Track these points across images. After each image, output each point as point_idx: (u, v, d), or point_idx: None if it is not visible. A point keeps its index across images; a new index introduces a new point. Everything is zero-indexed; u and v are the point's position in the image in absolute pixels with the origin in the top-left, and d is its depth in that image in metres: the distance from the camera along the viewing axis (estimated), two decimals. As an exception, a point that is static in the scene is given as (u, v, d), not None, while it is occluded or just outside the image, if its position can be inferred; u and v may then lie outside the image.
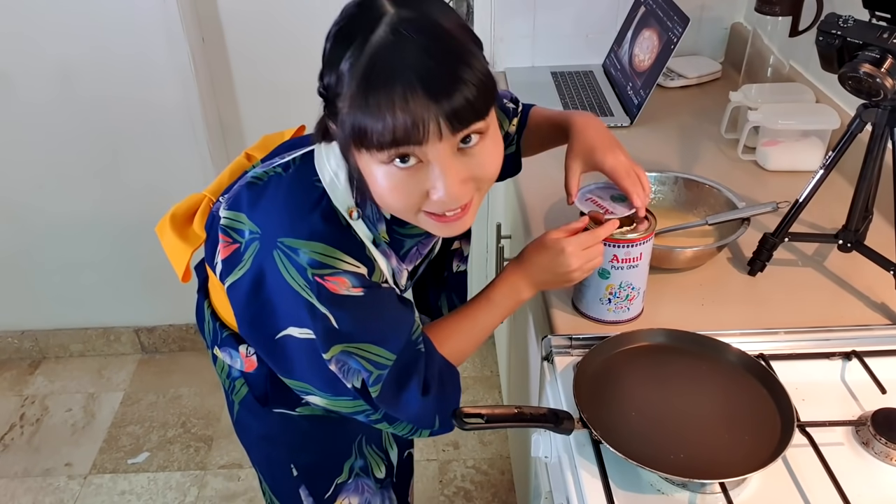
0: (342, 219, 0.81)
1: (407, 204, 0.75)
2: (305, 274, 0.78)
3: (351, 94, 0.68)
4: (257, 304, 0.85)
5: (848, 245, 1.07)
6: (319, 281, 0.78)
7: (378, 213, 0.85)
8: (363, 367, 0.83)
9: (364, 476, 1.11)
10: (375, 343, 0.83)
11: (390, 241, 0.87)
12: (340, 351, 0.82)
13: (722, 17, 1.85)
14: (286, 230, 0.79)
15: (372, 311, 0.83)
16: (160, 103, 1.94)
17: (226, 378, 1.05)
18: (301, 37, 1.89)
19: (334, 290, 0.79)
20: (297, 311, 0.81)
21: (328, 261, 0.79)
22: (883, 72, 0.88)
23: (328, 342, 0.82)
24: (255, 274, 0.83)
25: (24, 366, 2.38)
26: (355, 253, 0.81)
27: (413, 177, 0.73)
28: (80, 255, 2.20)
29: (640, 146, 1.50)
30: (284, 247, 0.79)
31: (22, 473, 2.01)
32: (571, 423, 0.81)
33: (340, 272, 0.79)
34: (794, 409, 0.80)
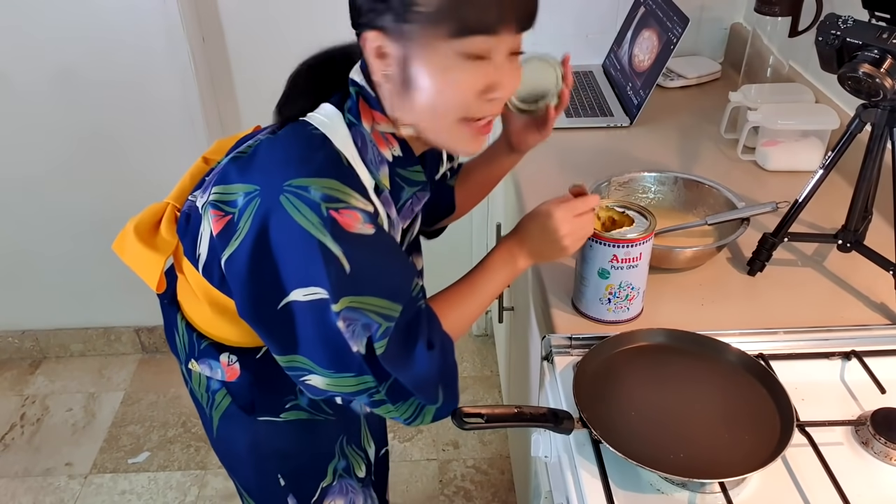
0: (345, 161, 0.81)
1: (463, 100, 0.78)
2: (319, 209, 0.76)
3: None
4: (259, 269, 0.81)
5: (847, 245, 1.07)
6: (334, 215, 0.77)
7: (380, 156, 0.85)
8: (370, 320, 0.81)
9: (347, 476, 1.11)
10: (382, 295, 0.82)
11: (391, 188, 0.87)
12: (349, 305, 0.79)
13: (722, 17, 1.85)
14: (292, 172, 0.78)
15: (381, 254, 0.83)
16: (160, 103, 1.94)
17: (204, 392, 1.02)
18: (301, 36, 1.88)
19: (347, 224, 0.78)
20: (307, 262, 0.78)
21: (340, 195, 0.78)
22: (882, 72, 0.88)
23: (339, 291, 0.78)
24: (256, 233, 0.79)
25: (24, 365, 2.39)
26: (361, 193, 0.81)
27: (476, 70, 0.77)
28: (80, 255, 2.20)
29: (640, 146, 1.51)
30: (293, 188, 0.77)
31: (22, 473, 2.02)
32: (571, 423, 0.81)
33: (353, 207, 0.78)
34: (793, 409, 0.81)
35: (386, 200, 0.87)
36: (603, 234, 0.93)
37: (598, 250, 0.94)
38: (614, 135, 1.56)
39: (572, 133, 1.56)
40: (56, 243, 2.18)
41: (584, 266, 0.98)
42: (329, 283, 0.78)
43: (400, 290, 0.84)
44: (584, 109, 1.64)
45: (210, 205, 0.83)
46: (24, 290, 2.27)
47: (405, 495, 1.92)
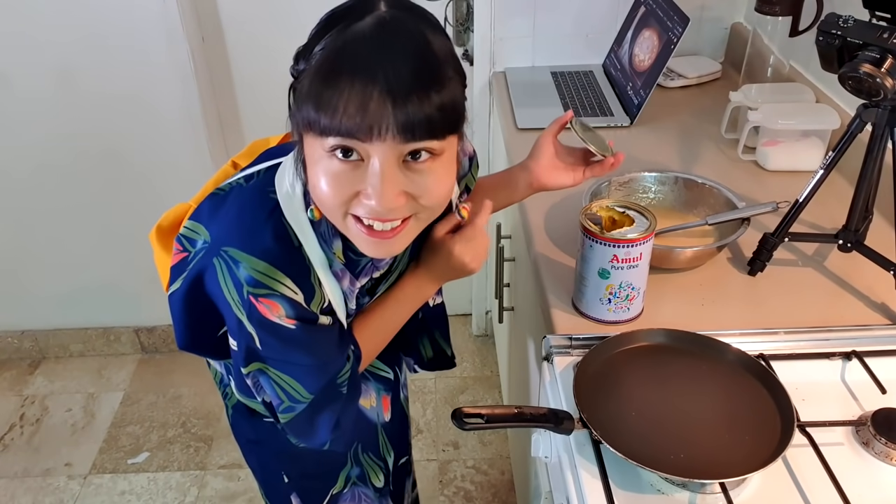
0: (294, 238, 0.79)
1: (338, 199, 0.72)
2: (241, 290, 0.77)
3: (313, 73, 0.67)
4: (195, 308, 0.85)
5: (848, 245, 1.07)
6: (253, 301, 0.77)
7: (334, 230, 0.82)
8: (276, 394, 0.83)
9: (361, 485, 1.10)
10: (294, 377, 0.82)
11: (345, 261, 0.85)
12: (257, 369, 0.82)
13: (722, 17, 1.85)
14: (233, 240, 0.78)
15: (299, 346, 0.82)
16: (160, 102, 1.94)
17: (218, 384, 1.07)
18: (301, 36, 1.88)
19: (265, 313, 0.78)
20: (230, 320, 0.81)
21: (267, 281, 0.77)
22: (883, 72, 0.88)
23: (248, 359, 0.82)
24: (192, 279, 0.82)
25: (24, 366, 2.38)
26: (298, 277, 0.79)
27: (351, 172, 0.70)
28: (80, 255, 2.20)
29: (640, 146, 1.50)
30: (227, 256, 0.77)
31: (22, 473, 2.01)
32: (571, 423, 0.81)
33: (277, 295, 0.77)
34: (794, 409, 0.80)
35: (342, 273, 0.85)
36: (603, 234, 0.93)
37: (598, 250, 0.94)
38: (614, 135, 1.56)
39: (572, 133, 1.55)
40: (56, 243, 2.18)
41: (584, 266, 0.98)
42: (239, 349, 0.81)
43: (313, 382, 0.84)
44: (584, 109, 1.64)
45: (178, 238, 0.86)
46: (24, 290, 2.27)
47: (405, 495, 1.92)
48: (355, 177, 0.70)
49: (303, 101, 0.68)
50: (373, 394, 1.08)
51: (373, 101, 0.65)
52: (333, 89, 0.66)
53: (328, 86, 0.66)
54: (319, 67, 0.67)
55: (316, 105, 0.67)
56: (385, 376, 1.09)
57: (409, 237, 0.77)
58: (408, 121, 0.66)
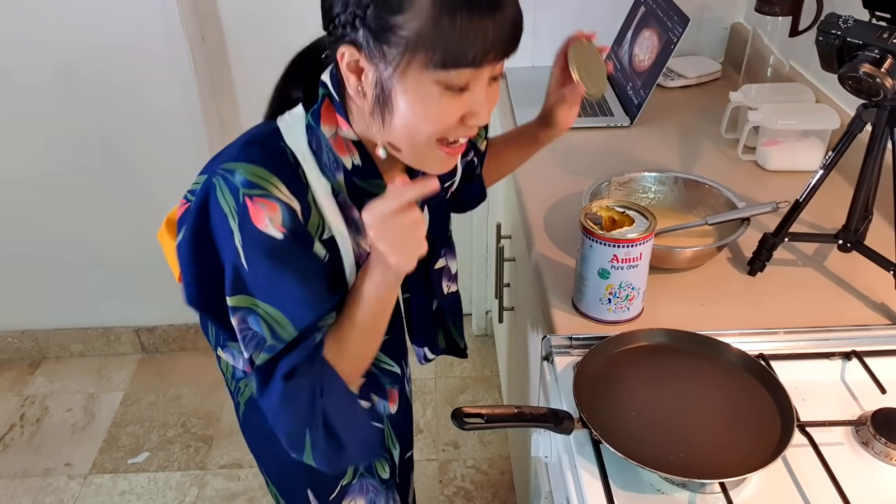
0: (290, 157, 0.80)
1: (439, 128, 0.76)
2: (237, 194, 0.76)
3: (430, 10, 0.69)
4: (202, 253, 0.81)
5: (848, 245, 1.07)
6: (248, 202, 0.76)
7: (336, 162, 0.82)
8: (262, 332, 0.79)
9: (369, 476, 1.11)
10: (282, 309, 0.78)
11: (350, 194, 0.84)
12: (244, 305, 0.79)
13: (722, 17, 1.85)
14: (229, 157, 0.79)
15: (286, 264, 0.78)
16: (160, 102, 1.94)
17: (231, 379, 1.05)
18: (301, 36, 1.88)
19: (256, 217, 0.76)
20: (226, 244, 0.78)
21: (262, 182, 0.76)
22: (883, 72, 0.88)
23: (234, 287, 0.78)
24: (196, 212, 0.80)
25: (24, 366, 2.38)
26: (293, 187, 0.78)
27: (457, 100, 0.75)
28: (80, 255, 2.20)
29: (640, 146, 1.50)
30: (223, 170, 0.78)
31: (22, 473, 2.01)
32: (571, 423, 0.81)
33: (271, 196, 0.76)
34: (794, 409, 0.81)
35: (346, 203, 0.84)
36: (603, 234, 0.93)
37: (598, 250, 0.94)
38: (614, 135, 1.56)
39: (572, 133, 1.55)
40: (56, 243, 2.18)
41: (584, 266, 0.98)
42: (227, 274, 0.79)
43: (300, 314, 0.79)
44: (585, 109, 1.64)
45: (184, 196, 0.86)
46: (24, 290, 2.27)
47: (405, 495, 1.92)
48: (459, 103, 0.75)
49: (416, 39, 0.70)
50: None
51: (492, 26, 0.70)
52: (462, 24, 0.70)
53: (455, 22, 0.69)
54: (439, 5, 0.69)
55: (445, 42, 0.70)
56: (391, 370, 1.10)
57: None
58: (510, 36, 0.73)
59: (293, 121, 0.82)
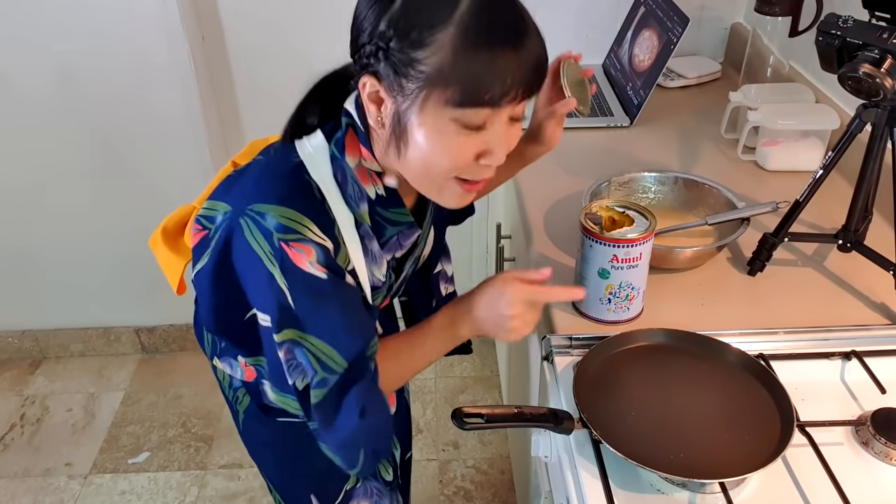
0: (317, 192, 0.79)
1: (454, 165, 0.76)
2: (271, 239, 0.76)
3: (452, 47, 0.68)
4: (223, 285, 0.83)
5: (848, 245, 1.07)
6: (284, 247, 0.76)
7: (360, 192, 0.82)
8: (310, 364, 0.80)
9: (372, 479, 1.11)
10: (327, 341, 0.79)
11: (372, 225, 0.85)
12: (290, 339, 0.79)
13: (722, 17, 1.85)
14: (256, 197, 0.78)
15: (331, 300, 0.80)
16: (160, 102, 1.94)
17: (228, 388, 1.05)
18: (301, 36, 1.89)
19: (297, 260, 0.76)
20: (259, 287, 0.79)
21: (295, 226, 0.76)
22: (882, 72, 0.88)
23: (281, 323, 0.79)
24: (220, 249, 0.81)
25: (24, 366, 2.38)
26: (323, 226, 0.78)
27: (474, 139, 0.74)
28: (80, 255, 2.20)
29: (640, 146, 1.50)
30: (252, 212, 0.77)
31: (22, 473, 2.01)
32: (571, 423, 0.81)
33: (306, 240, 0.77)
34: (794, 409, 0.81)
35: (367, 234, 0.85)
36: (603, 234, 0.93)
37: (598, 250, 0.94)
38: (614, 135, 1.56)
39: (572, 133, 1.56)
40: (56, 243, 2.17)
41: (584, 266, 0.98)
42: (272, 313, 0.79)
43: (348, 345, 0.81)
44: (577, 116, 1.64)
45: (195, 220, 0.86)
46: (24, 290, 2.27)
47: (405, 495, 1.92)
48: (475, 142, 0.75)
49: (437, 74, 0.69)
50: None
51: (514, 66, 0.69)
52: (485, 63, 0.69)
53: (478, 60, 0.69)
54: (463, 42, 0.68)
55: (465, 79, 0.69)
56: None
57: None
58: (534, 78, 0.72)
59: (316, 152, 0.81)
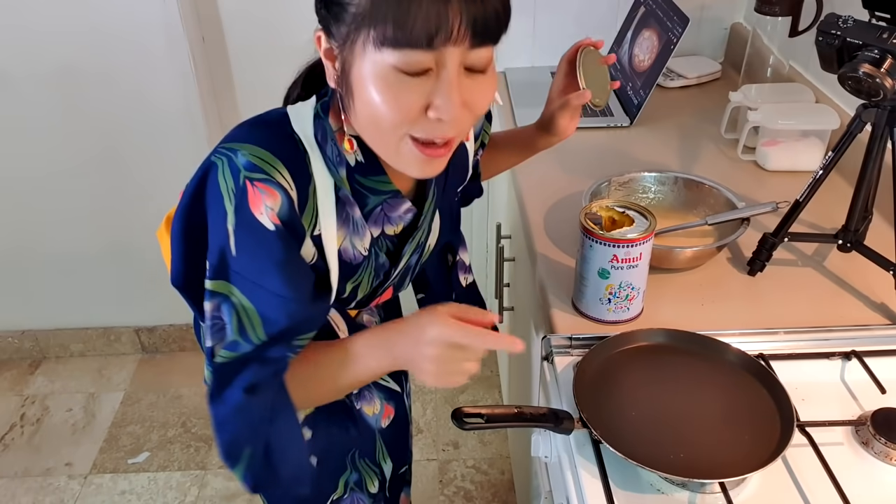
0: (299, 145, 0.77)
1: (401, 117, 0.70)
2: (238, 176, 0.72)
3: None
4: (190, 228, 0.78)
5: (848, 245, 1.07)
6: (248, 185, 0.72)
7: (339, 156, 0.79)
8: (231, 325, 0.74)
9: (358, 491, 1.09)
10: (255, 305, 0.74)
11: (352, 192, 0.81)
12: (221, 291, 0.75)
13: (722, 17, 1.85)
14: (233, 137, 0.76)
15: (274, 264, 0.74)
16: (160, 102, 1.94)
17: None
18: (301, 36, 1.89)
19: (254, 203, 0.72)
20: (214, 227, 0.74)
21: (265, 166, 0.73)
22: (882, 72, 0.88)
23: (216, 271, 0.74)
24: (194, 187, 0.77)
25: (24, 366, 2.39)
26: (296, 174, 0.75)
27: (417, 87, 0.68)
28: (80, 255, 2.20)
29: (640, 146, 1.50)
30: (226, 149, 0.75)
31: (22, 473, 2.02)
32: (571, 423, 0.81)
33: (272, 182, 0.73)
34: (793, 409, 0.81)
35: (347, 200, 0.81)
36: (603, 234, 0.93)
37: (598, 250, 0.94)
38: (614, 135, 1.56)
39: (572, 133, 1.56)
40: (56, 243, 2.18)
41: (584, 266, 0.98)
42: (214, 257, 0.75)
43: (274, 317, 0.75)
44: (584, 109, 1.63)
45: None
46: (24, 290, 2.27)
47: (405, 495, 1.92)
48: (423, 90, 0.69)
49: (364, 16, 0.66)
50: (377, 402, 1.07)
51: (450, 3, 0.64)
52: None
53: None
54: None
55: (391, 16, 0.64)
56: (388, 387, 1.08)
57: (452, 150, 0.76)
58: (484, 18, 0.66)
59: (303, 108, 0.79)
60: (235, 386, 0.76)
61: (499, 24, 0.69)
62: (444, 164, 0.77)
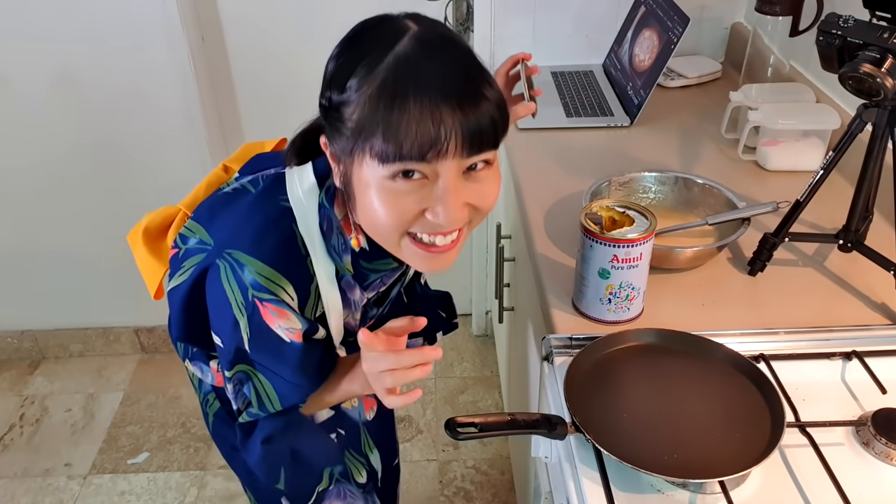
0: (301, 247, 0.80)
1: (398, 222, 0.72)
2: (246, 293, 0.77)
3: (369, 101, 0.66)
4: (193, 309, 0.84)
5: (848, 245, 1.07)
6: (258, 304, 0.77)
7: (344, 244, 0.83)
8: (252, 399, 0.84)
9: (345, 481, 1.11)
10: (275, 388, 0.83)
11: (354, 273, 0.86)
12: (241, 371, 0.82)
13: (722, 17, 1.85)
14: (237, 243, 0.78)
15: (290, 361, 0.82)
16: (160, 103, 1.94)
17: (198, 390, 1.05)
18: (301, 36, 1.89)
19: (268, 319, 0.78)
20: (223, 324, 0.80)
21: (272, 286, 0.77)
22: (883, 72, 0.87)
23: (234, 361, 0.82)
24: (193, 282, 0.82)
25: (23, 366, 2.38)
26: (299, 284, 0.79)
27: (413, 193, 0.70)
28: (80, 256, 2.20)
29: (640, 146, 1.50)
30: (231, 259, 0.77)
31: (22, 473, 2.01)
32: (565, 428, 0.81)
33: (282, 302, 0.78)
34: (783, 405, 0.81)
35: (348, 285, 0.86)
36: (603, 234, 0.93)
37: (598, 250, 0.94)
38: (614, 135, 1.56)
39: (572, 133, 1.56)
40: (56, 243, 2.17)
41: (584, 266, 0.98)
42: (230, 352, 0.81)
43: (290, 397, 0.85)
44: (584, 109, 1.64)
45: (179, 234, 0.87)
46: (24, 290, 2.27)
47: (405, 496, 1.92)
48: (419, 196, 0.70)
49: (359, 131, 0.68)
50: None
51: (445, 118, 0.65)
52: (400, 114, 0.65)
53: (393, 113, 0.65)
54: (376, 96, 0.66)
55: (382, 133, 0.66)
56: None
57: (461, 246, 0.78)
58: (478, 129, 0.67)
59: (306, 199, 0.80)
60: (254, 440, 0.90)
61: (495, 132, 0.70)
62: (455, 255, 0.79)
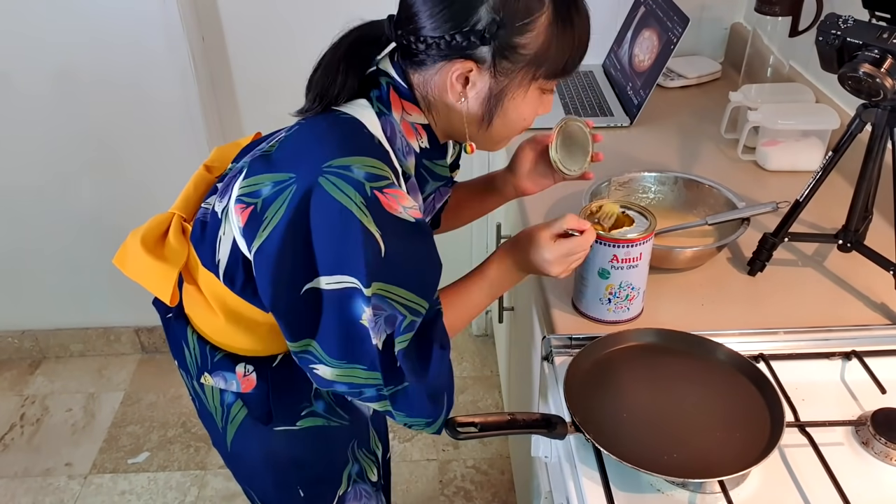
0: (378, 144, 0.81)
1: (530, 124, 0.88)
2: (363, 188, 0.75)
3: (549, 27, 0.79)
4: (291, 253, 0.78)
5: (848, 245, 1.07)
6: (378, 195, 0.76)
7: (408, 146, 0.86)
8: (398, 312, 0.80)
9: (361, 481, 1.11)
10: (411, 288, 0.81)
11: (416, 177, 0.89)
12: (378, 292, 0.78)
13: (722, 17, 1.85)
14: (332, 154, 0.77)
15: (417, 244, 0.82)
16: (160, 102, 1.94)
17: (218, 405, 0.99)
18: (301, 35, 1.89)
19: (391, 205, 0.78)
20: (344, 245, 0.76)
21: (383, 172, 0.78)
22: (883, 72, 0.88)
23: (372, 276, 0.77)
24: (290, 217, 0.77)
25: (24, 366, 2.38)
26: (395, 173, 0.82)
27: (544, 100, 0.87)
28: (80, 255, 2.20)
29: (640, 146, 1.50)
30: (334, 168, 0.75)
31: (22, 473, 2.01)
32: (564, 428, 0.81)
33: (396, 185, 0.79)
34: (782, 404, 0.81)
35: (413, 187, 0.89)
36: (603, 234, 0.93)
37: (598, 250, 0.94)
38: (614, 135, 1.56)
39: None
40: (56, 243, 2.17)
41: (584, 266, 0.98)
42: (364, 265, 0.77)
43: (428, 285, 0.84)
44: (584, 109, 1.64)
45: (235, 201, 0.82)
46: (24, 290, 2.27)
47: (405, 495, 1.92)
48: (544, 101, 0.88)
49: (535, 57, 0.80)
50: None
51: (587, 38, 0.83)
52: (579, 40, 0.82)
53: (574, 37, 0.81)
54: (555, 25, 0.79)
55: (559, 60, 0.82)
56: None
57: None
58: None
59: (361, 110, 0.83)
60: (434, 351, 0.85)
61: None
62: None
